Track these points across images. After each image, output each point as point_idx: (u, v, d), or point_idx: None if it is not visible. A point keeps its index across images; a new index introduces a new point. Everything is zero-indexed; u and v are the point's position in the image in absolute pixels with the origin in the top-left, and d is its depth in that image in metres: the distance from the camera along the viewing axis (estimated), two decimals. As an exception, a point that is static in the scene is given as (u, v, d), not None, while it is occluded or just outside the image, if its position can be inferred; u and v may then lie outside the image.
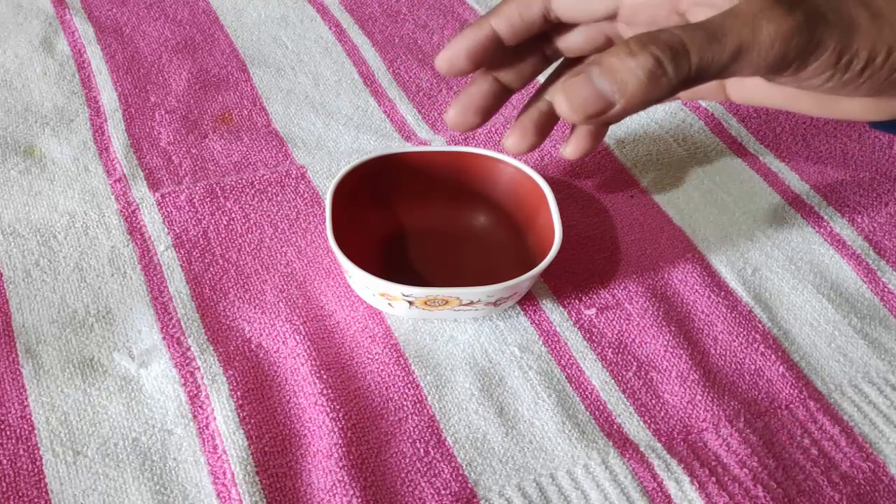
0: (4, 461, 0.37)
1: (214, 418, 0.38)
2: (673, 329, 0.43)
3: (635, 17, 0.36)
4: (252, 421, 0.38)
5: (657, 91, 0.30)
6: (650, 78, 0.29)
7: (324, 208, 0.48)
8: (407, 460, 0.38)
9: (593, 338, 0.43)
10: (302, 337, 0.42)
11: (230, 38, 0.60)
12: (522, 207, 0.45)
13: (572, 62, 0.41)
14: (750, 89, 0.38)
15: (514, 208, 0.46)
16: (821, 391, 0.41)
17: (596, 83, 0.30)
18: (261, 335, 0.42)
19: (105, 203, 0.48)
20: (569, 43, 0.39)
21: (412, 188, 0.46)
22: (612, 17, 0.36)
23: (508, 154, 0.42)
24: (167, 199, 0.48)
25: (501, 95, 0.39)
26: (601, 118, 0.31)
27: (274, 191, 0.49)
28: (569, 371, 0.41)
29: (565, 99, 0.31)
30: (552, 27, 0.38)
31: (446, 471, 0.37)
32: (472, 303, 0.40)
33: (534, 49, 0.39)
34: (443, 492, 0.37)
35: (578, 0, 0.36)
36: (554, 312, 0.44)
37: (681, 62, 0.29)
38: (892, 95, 0.35)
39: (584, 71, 0.30)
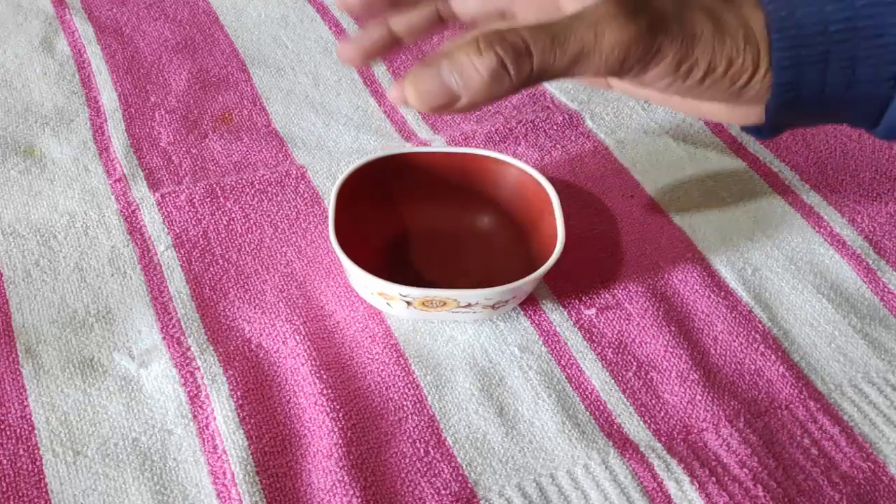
0: (4, 461, 0.37)
1: (214, 418, 0.38)
2: (673, 329, 0.43)
3: None
4: (252, 421, 0.38)
5: (499, 89, 0.32)
6: (493, 77, 0.31)
7: (324, 208, 0.48)
8: (407, 460, 0.38)
9: (593, 338, 0.43)
10: (302, 337, 0.42)
11: (230, 38, 0.60)
12: (527, 210, 0.45)
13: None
14: (624, 81, 0.39)
15: (518, 211, 0.46)
16: (821, 391, 0.41)
17: (443, 76, 0.31)
18: (261, 335, 0.42)
19: (105, 203, 0.48)
20: (463, 7, 0.40)
21: (416, 189, 0.46)
22: None
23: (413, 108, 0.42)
24: (167, 199, 0.48)
25: (389, 45, 0.40)
26: (447, 109, 0.32)
27: (274, 191, 0.49)
28: (569, 371, 0.41)
29: (414, 89, 0.32)
30: None
31: (446, 471, 0.37)
32: (469, 305, 0.40)
33: (430, 7, 0.40)
34: (443, 492, 0.37)
35: None
36: (554, 312, 0.44)
37: (523, 64, 0.31)
38: (742, 104, 0.36)
39: (434, 63, 0.32)
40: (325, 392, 0.39)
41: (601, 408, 0.40)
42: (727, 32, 0.33)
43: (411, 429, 0.39)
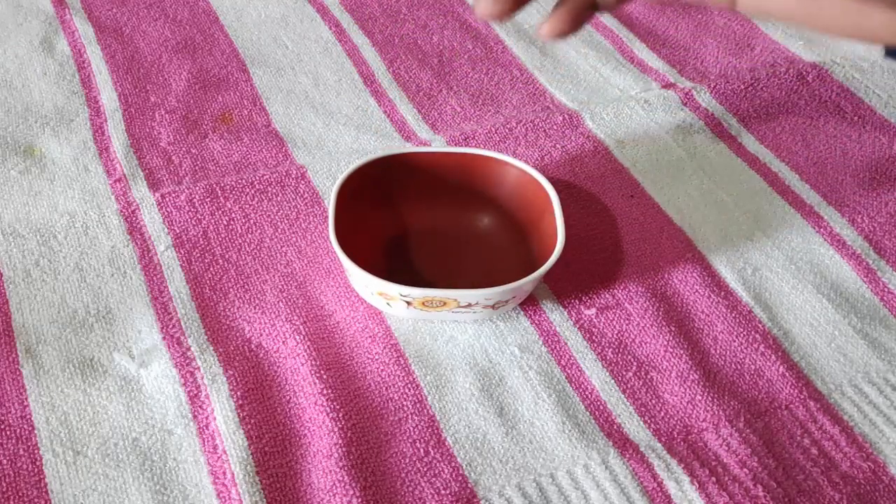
0: (4, 461, 0.37)
1: (214, 418, 0.38)
2: (673, 329, 0.43)
3: None
4: (252, 421, 0.38)
5: None
6: None
7: (324, 208, 0.48)
8: (407, 460, 0.38)
9: (593, 338, 0.43)
10: (302, 337, 0.42)
11: (230, 38, 0.60)
12: (527, 210, 0.45)
13: None
14: None
15: (518, 211, 0.46)
16: (821, 391, 0.41)
17: None
18: (261, 335, 0.42)
19: (105, 203, 0.48)
20: None
21: (417, 189, 0.46)
22: None
23: (543, 39, 0.41)
24: (167, 199, 0.48)
25: (591, 7, 0.37)
26: None
27: (274, 191, 0.49)
28: (569, 371, 0.41)
29: None
30: None
31: (446, 471, 0.37)
32: (469, 305, 0.40)
33: None
34: (443, 492, 0.37)
35: None
36: (554, 312, 0.44)
37: None
38: None
39: None
40: (325, 392, 0.39)
41: (601, 408, 0.40)
42: None
43: (411, 429, 0.39)
